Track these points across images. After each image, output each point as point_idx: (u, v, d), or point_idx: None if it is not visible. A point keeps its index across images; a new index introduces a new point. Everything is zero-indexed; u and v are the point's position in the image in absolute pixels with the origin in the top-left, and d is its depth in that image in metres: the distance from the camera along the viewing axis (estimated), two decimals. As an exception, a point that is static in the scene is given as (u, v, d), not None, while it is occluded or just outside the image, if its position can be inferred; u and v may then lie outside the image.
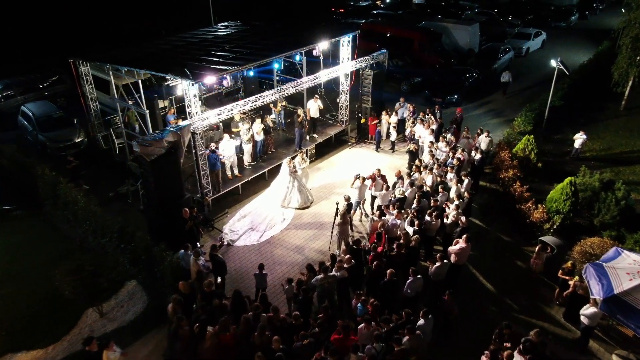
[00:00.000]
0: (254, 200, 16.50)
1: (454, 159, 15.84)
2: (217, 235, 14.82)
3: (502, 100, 24.89)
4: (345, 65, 18.50)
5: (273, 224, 15.27)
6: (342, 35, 18.32)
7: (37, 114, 20.22)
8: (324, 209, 15.93)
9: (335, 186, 17.30)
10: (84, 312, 12.13)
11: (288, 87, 16.32)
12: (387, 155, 19.42)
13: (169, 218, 13.26)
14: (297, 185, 15.98)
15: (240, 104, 14.96)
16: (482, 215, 15.59)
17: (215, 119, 14.49)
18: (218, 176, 15.68)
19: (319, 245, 14.38)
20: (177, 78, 13.61)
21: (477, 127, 18.49)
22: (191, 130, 13.78)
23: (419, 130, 18.27)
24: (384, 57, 19.79)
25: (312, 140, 19.11)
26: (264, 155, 17.84)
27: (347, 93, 19.78)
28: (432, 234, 13.24)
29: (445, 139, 17.13)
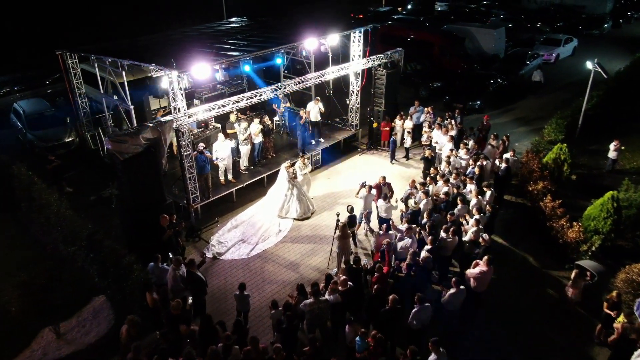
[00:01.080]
0: (249, 208, 14.80)
1: (474, 167, 13.90)
2: (204, 247, 13.14)
3: (530, 107, 22.82)
4: (356, 63, 16.77)
5: (267, 236, 13.52)
6: (352, 30, 16.63)
7: (27, 112, 19.01)
8: (326, 220, 14.13)
9: (341, 195, 15.50)
10: (40, 331, 10.52)
11: (289, 84, 14.63)
12: (400, 164, 17.55)
13: (145, 226, 11.62)
14: (296, 193, 14.23)
15: (234, 99, 13.33)
16: (506, 232, 13.56)
17: (203, 115, 12.88)
18: (207, 180, 14.03)
19: (316, 262, 12.56)
20: (160, 68, 12.06)
21: (502, 135, 16.51)
22: (174, 127, 12.18)
23: (436, 135, 16.38)
24: (399, 56, 18.01)
25: (318, 144, 17.37)
26: (262, 159, 16.16)
27: (357, 94, 18.03)
28: (448, 253, 11.30)
29: (466, 145, 15.19)
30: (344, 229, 11.38)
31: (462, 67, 25.62)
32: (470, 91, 22.66)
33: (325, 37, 15.89)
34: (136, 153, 11.34)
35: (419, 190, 12.93)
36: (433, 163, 15.11)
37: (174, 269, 10.10)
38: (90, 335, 10.47)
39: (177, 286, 10.13)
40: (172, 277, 10.11)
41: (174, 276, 10.09)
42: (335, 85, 18.99)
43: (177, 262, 10.21)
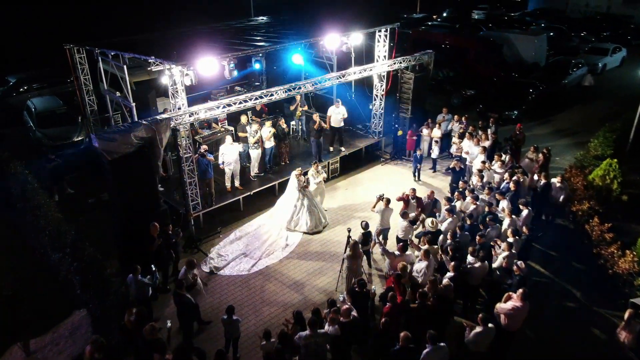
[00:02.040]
0: (256, 219, 13.52)
1: (509, 183, 12.24)
2: (202, 260, 11.90)
3: (572, 119, 20.85)
4: (380, 65, 15.36)
5: (272, 251, 12.18)
6: (377, 27, 15.25)
7: (39, 109, 18.44)
8: (339, 235, 12.70)
9: (358, 208, 14.05)
10: (8, 347, 9.45)
11: (304, 84, 13.32)
12: (426, 176, 15.97)
13: (136, 234, 10.47)
14: (307, 204, 12.86)
15: (241, 98, 12.12)
16: (545, 260, 11.81)
17: (205, 114, 11.70)
18: (210, 186, 12.83)
19: (324, 283, 11.13)
20: (160, 61, 10.96)
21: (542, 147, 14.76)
22: (172, 126, 11.04)
23: (467, 146, 14.75)
24: (429, 59, 16.50)
25: (337, 152, 15.99)
26: (274, 166, 14.88)
27: (381, 99, 16.60)
28: (475, 282, 9.69)
29: (501, 157, 13.52)
30: (354, 248, 9.92)
31: (499, 74, 23.89)
32: (507, 100, 20.89)
33: (348, 35, 14.56)
34: (127, 153, 10.23)
35: (443, 206, 11.37)
36: (462, 176, 13.46)
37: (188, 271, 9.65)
38: (63, 355, 9.32)
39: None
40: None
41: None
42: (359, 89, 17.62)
43: (190, 265, 9.69)
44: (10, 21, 28.13)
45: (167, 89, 14.48)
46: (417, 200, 11.83)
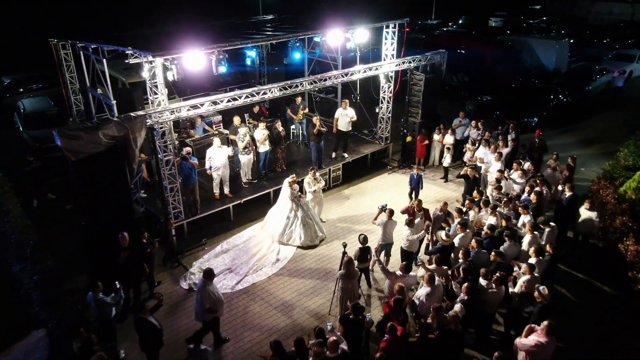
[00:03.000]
0: (246, 230, 12.26)
1: (531, 194, 10.80)
2: (181, 274, 10.65)
3: (597, 127, 19.29)
4: (388, 64, 14.08)
5: (261, 266, 10.88)
6: (384, 22, 14.00)
7: (27, 110, 17.52)
8: (336, 250, 11.34)
9: (360, 220, 12.71)
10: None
11: (301, 82, 12.08)
12: (436, 185, 14.58)
13: (104, 245, 9.27)
14: (301, 215, 11.56)
15: (229, 96, 10.91)
16: (572, 283, 10.31)
17: (189, 112, 10.51)
18: (195, 193, 11.62)
19: (316, 305, 9.78)
20: (136, 52, 9.83)
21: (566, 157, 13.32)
22: (149, 124, 9.87)
23: (482, 153, 13.35)
24: (441, 59, 15.18)
25: (340, 159, 14.69)
26: (269, 172, 13.62)
27: (389, 102, 15.30)
28: (490, 309, 8.27)
29: (520, 166, 12.10)
30: (349, 266, 8.58)
31: (517, 80, 22.46)
32: (527, 107, 19.45)
33: (352, 31, 13.33)
34: (94, 153, 9.07)
35: (454, 219, 9.98)
36: (477, 185, 12.02)
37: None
38: (9, 384, 8.11)
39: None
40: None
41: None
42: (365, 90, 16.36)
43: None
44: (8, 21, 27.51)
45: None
46: (424, 213, 10.46)
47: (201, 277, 8.24)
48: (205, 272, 8.20)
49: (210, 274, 8.21)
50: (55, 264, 9.13)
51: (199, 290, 8.23)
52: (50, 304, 8.60)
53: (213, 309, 8.21)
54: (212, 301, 8.16)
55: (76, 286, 9.17)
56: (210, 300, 8.14)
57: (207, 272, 8.20)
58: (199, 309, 8.24)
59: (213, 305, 8.18)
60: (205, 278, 8.17)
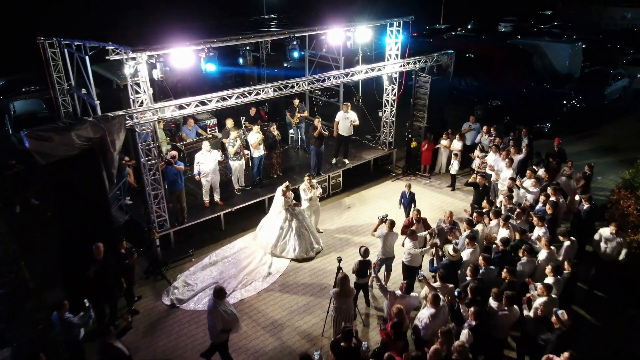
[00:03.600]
0: (238, 241, 11.44)
1: (546, 204, 9.89)
2: (164, 288, 9.83)
3: (614, 134, 18.35)
4: (391, 65, 13.25)
5: (250, 280, 10.04)
6: (387, 20, 13.19)
7: (17, 112, 16.93)
8: (333, 263, 10.40)
9: (360, 231, 11.84)
10: None
11: (298, 82, 11.27)
12: (443, 194, 13.69)
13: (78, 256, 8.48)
14: (296, 226, 10.72)
15: (218, 95, 10.11)
16: (592, 304, 9.34)
17: (173, 112, 9.73)
18: (181, 200, 10.81)
19: (308, 325, 8.91)
20: (116, 47, 9.06)
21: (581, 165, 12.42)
22: (129, 125, 9.10)
23: (492, 160, 12.45)
24: (448, 59, 14.33)
25: (340, 165, 13.85)
26: (264, 178, 12.80)
27: (393, 105, 14.47)
28: (501, 334, 7.34)
29: (534, 174, 11.19)
30: (344, 284, 7.70)
31: (529, 84, 21.52)
32: (539, 112, 18.55)
33: (354, 29, 12.53)
34: (67, 156, 8.30)
35: (461, 232, 9.08)
36: (487, 195, 11.09)
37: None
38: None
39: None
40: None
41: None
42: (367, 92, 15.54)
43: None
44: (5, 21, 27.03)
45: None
46: (423, 223, 9.56)
47: (211, 296, 7.45)
48: (216, 291, 7.40)
49: (220, 292, 7.41)
50: (31, 275, 8.33)
51: (210, 312, 7.45)
52: (16, 321, 7.83)
53: (227, 329, 7.47)
54: (225, 321, 7.39)
55: (47, 301, 8.34)
56: (224, 320, 7.37)
57: (218, 291, 7.39)
58: (213, 330, 7.50)
59: (227, 325, 7.42)
60: (215, 297, 7.36)
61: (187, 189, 12.15)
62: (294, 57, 12.40)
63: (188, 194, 11.92)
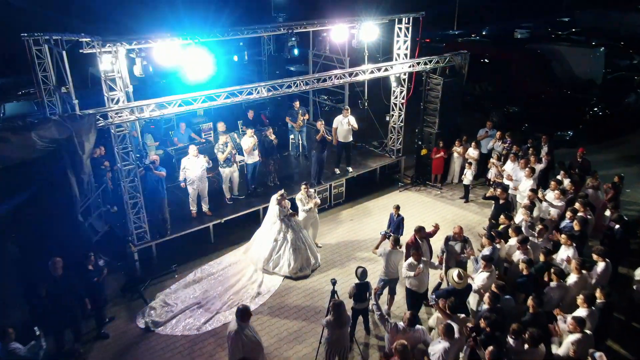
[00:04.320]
0: (227, 255, 10.37)
1: (572, 220, 8.68)
2: (139, 309, 8.77)
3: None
4: (400, 65, 12.17)
5: (237, 301, 8.92)
6: (395, 15, 12.13)
7: (7, 114, 16.23)
8: (331, 284, 9.36)
9: (362, 246, 10.72)
10: None
11: (294, 81, 10.22)
12: (455, 206, 12.51)
13: (37, 274, 7.48)
14: (291, 238, 9.63)
15: (204, 94, 9.07)
16: (629, 338, 8.06)
17: (153, 112, 8.72)
18: (163, 210, 9.78)
19: (299, 355, 7.78)
20: (88, 37, 8.11)
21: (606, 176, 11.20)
22: (101, 125, 8.12)
23: (510, 169, 11.27)
24: (462, 60, 13.23)
25: (343, 173, 12.75)
26: (259, 187, 11.75)
27: (401, 109, 13.37)
28: (524, 378, 6.14)
29: (559, 185, 9.98)
30: (338, 311, 6.57)
31: (548, 90, 20.32)
32: (560, 119, 17.34)
33: (357, 25, 11.49)
34: (28, 160, 7.33)
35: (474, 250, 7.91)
36: (507, 209, 9.83)
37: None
38: None
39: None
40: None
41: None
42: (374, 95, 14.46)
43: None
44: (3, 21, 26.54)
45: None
46: (426, 240, 8.38)
47: (234, 319, 6.36)
48: (239, 312, 6.31)
49: (244, 314, 6.32)
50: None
51: (230, 337, 6.30)
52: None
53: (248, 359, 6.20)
54: (246, 349, 6.24)
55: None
56: (245, 348, 6.23)
57: (242, 312, 6.31)
58: (231, 359, 6.40)
59: (248, 354, 6.19)
60: (238, 319, 6.28)
61: (175, 197, 11.19)
62: (294, 54, 11.45)
63: (174, 203, 10.93)
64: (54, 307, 7.06)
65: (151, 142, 12.27)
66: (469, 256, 7.82)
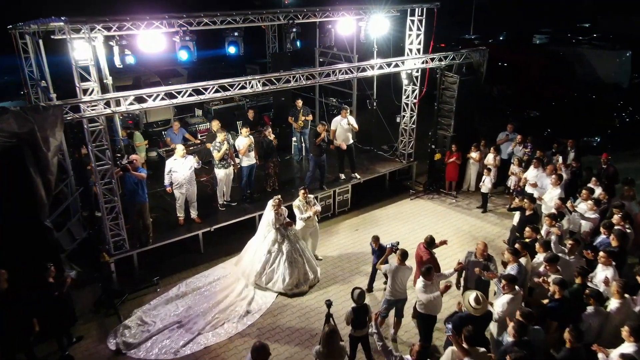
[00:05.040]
0: (217, 267, 9.35)
1: (609, 235, 7.50)
2: (113, 327, 7.76)
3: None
4: (412, 60, 11.11)
5: (223, 321, 7.89)
6: (407, 6, 11.09)
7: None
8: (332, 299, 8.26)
9: (368, 260, 9.56)
10: None
11: (293, 74, 9.20)
12: (472, 217, 11.36)
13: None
14: (287, 250, 8.57)
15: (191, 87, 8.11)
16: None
17: (130, 106, 7.76)
18: (144, 216, 8.78)
19: (289, 388, 6.70)
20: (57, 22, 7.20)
21: None
22: (69, 118, 7.18)
23: (533, 176, 10.09)
24: (480, 57, 12.14)
25: (348, 179, 11.68)
26: (255, 192, 10.71)
27: (413, 110, 12.29)
28: None
29: (591, 194, 8.79)
30: (330, 341, 5.49)
31: (572, 94, 19.13)
32: (585, 125, 16.16)
33: (365, 18, 10.47)
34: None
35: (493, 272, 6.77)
36: (533, 221, 8.61)
37: None
38: None
39: None
40: None
41: None
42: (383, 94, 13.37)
43: None
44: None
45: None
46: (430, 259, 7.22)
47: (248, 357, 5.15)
48: (255, 351, 5.04)
49: (260, 353, 5.03)
50: None
51: None
52: None
53: None
54: None
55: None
56: None
57: (257, 351, 5.02)
58: None
59: None
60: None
61: (163, 202, 10.24)
62: (297, 46, 10.46)
63: (161, 208, 9.97)
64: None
65: (140, 141, 11.34)
66: (491, 278, 6.68)
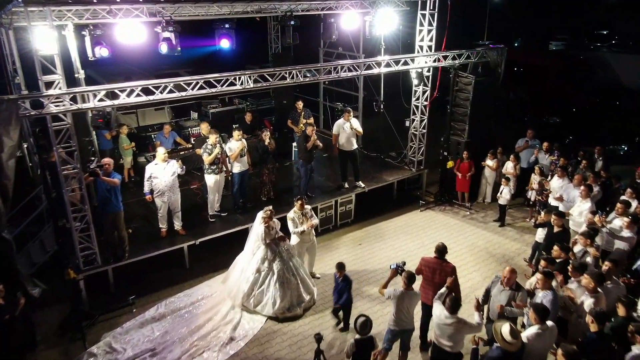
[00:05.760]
0: (201, 285, 8.37)
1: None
2: (77, 356, 6.79)
3: None
4: (423, 58, 10.11)
5: (202, 349, 6.88)
6: (418, -2, 10.14)
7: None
8: (327, 326, 7.24)
9: (372, 279, 8.59)
10: None
11: (289, 70, 8.23)
12: (488, 231, 10.27)
13: None
14: (278, 269, 7.55)
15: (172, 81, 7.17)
16: None
17: (100, 102, 6.83)
18: (118, 227, 7.81)
19: None
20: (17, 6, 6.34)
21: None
22: (27, 115, 6.27)
23: (558, 186, 9.00)
24: (498, 56, 11.11)
25: (351, 188, 10.65)
26: (248, 201, 9.71)
27: (424, 113, 11.27)
28: None
29: (627, 208, 7.66)
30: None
31: (593, 100, 18.09)
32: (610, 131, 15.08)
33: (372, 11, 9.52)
34: None
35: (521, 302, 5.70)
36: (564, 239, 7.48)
37: None
38: None
39: None
40: None
41: None
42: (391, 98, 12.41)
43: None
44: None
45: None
46: (451, 279, 6.12)
47: None
48: None
49: None
50: None
51: None
52: None
53: None
54: None
55: None
56: None
57: None
58: None
59: None
60: None
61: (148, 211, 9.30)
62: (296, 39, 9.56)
63: (142, 218, 9.03)
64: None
65: (127, 144, 10.45)
66: (519, 309, 5.60)
